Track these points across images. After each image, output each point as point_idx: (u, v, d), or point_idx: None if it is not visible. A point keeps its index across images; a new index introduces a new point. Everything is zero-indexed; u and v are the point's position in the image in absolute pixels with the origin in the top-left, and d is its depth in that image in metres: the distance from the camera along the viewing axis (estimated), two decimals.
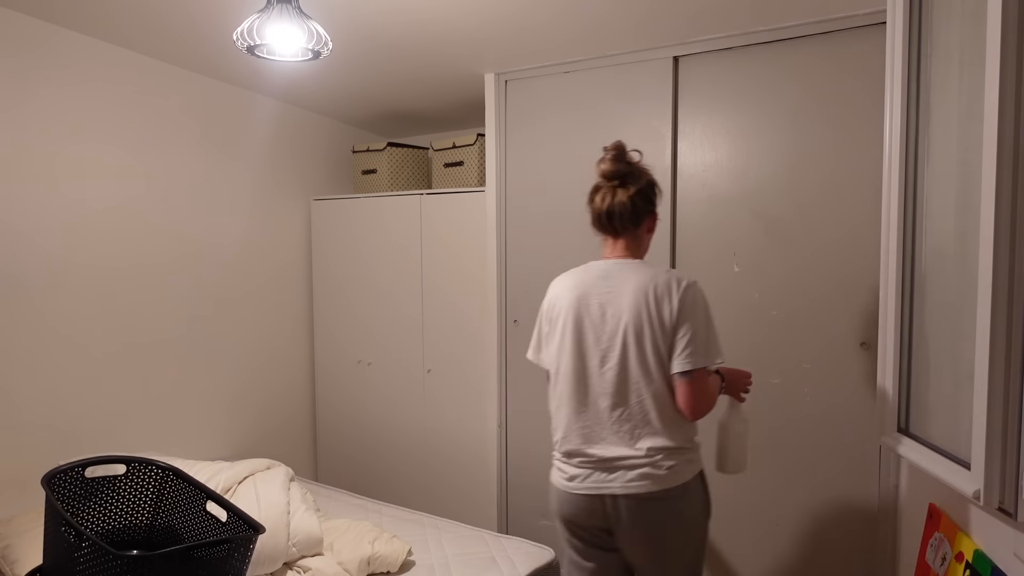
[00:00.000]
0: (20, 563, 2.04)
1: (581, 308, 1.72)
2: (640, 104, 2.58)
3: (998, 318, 1.18)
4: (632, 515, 1.67)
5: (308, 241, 3.57)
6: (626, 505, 1.67)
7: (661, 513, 1.67)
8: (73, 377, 2.58)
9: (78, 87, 2.54)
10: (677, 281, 1.67)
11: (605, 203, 1.71)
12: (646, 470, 1.65)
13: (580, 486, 1.71)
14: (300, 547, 2.09)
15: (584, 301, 1.72)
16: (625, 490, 1.66)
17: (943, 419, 1.50)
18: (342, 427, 3.53)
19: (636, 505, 1.66)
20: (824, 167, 2.30)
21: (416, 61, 2.74)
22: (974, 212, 1.32)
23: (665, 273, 1.70)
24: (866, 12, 2.16)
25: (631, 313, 1.66)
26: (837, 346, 2.30)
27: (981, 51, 1.21)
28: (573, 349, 1.72)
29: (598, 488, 1.69)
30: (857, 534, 2.30)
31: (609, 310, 1.69)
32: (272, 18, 1.84)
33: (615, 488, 1.67)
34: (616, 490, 1.67)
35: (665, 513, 1.67)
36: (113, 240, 2.69)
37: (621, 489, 1.66)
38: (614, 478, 1.67)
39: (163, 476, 1.80)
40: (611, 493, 1.67)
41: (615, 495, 1.67)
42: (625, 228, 1.73)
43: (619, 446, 1.68)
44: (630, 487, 1.65)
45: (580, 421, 1.72)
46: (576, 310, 1.72)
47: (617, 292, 1.69)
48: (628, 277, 1.69)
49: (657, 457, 1.66)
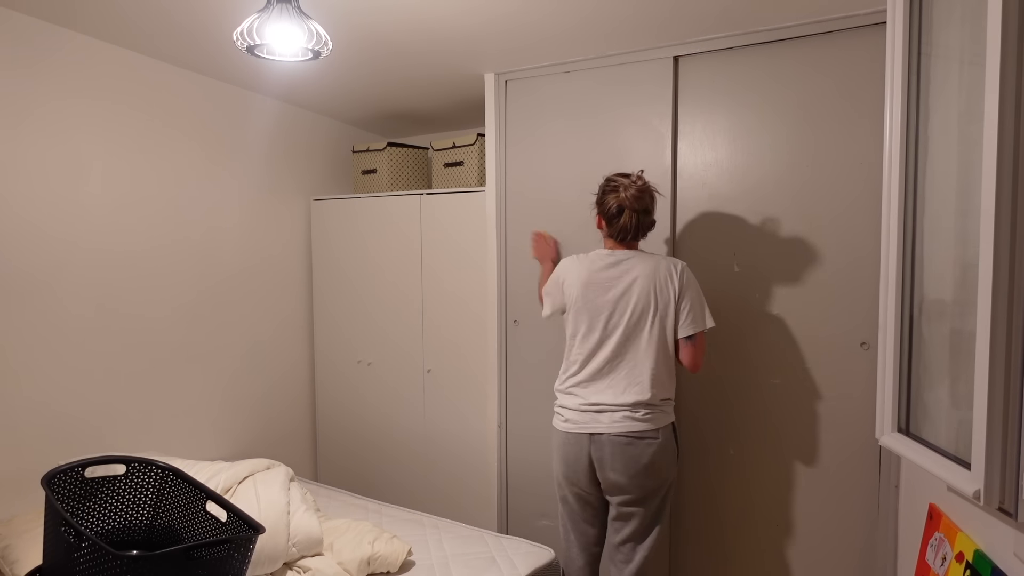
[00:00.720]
0: (20, 563, 2.03)
1: (590, 290, 2.17)
2: (640, 104, 2.58)
3: (998, 318, 1.18)
4: (613, 450, 2.10)
5: (308, 241, 3.57)
6: (609, 441, 2.10)
7: (638, 451, 2.09)
8: (73, 377, 2.58)
9: (78, 87, 2.54)
10: (675, 265, 2.16)
11: (632, 222, 2.15)
12: (627, 413, 2.11)
13: (574, 427, 2.17)
14: (300, 547, 2.09)
15: (594, 284, 2.17)
16: (610, 429, 2.11)
17: (943, 419, 1.50)
18: (342, 427, 3.53)
19: (617, 442, 2.10)
20: (824, 166, 2.30)
21: (416, 61, 2.74)
22: (974, 212, 1.32)
23: (665, 260, 2.17)
24: (866, 12, 2.16)
25: (640, 293, 2.12)
26: (837, 346, 2.30)
27: (981, 51, 1.21)
28: (577, 326, 2.20)
29: (591, 427, 2.14)
30: (857, 534, 2.30)
31: (620, 292, 2.14)
32: (272, 18, 1.84)
33: (601, 428, 2.12)
34: (603, 429, 2.12)
35: (641, 451, 2.09)
36: (112, 240, 2.69)
37: (605, 429, 2.11)
38: (603, 420, 2.12)
39: (163, 476, 1.80)
40: (599, 431, 2.12)
41: (601, 433, 2.12)
42: (639, 238, 2.23)
43: (610, 396, 2.13)
44: (614, 427, 2.11)
45: (582, 376, 2.18)
46: (588, 294, 2.17)
47: (626, 276, 2.15)
48: (635, 265, 2.16)
49: (640, 410, 2.11)
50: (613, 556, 2.25)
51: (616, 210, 2.14)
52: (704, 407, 2.55)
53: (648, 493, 2.14)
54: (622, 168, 2.64)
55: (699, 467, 2.58)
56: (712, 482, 2.56)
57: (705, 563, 2.59)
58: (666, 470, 2.15)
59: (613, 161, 2.65)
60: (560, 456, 2.22)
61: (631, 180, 2.16)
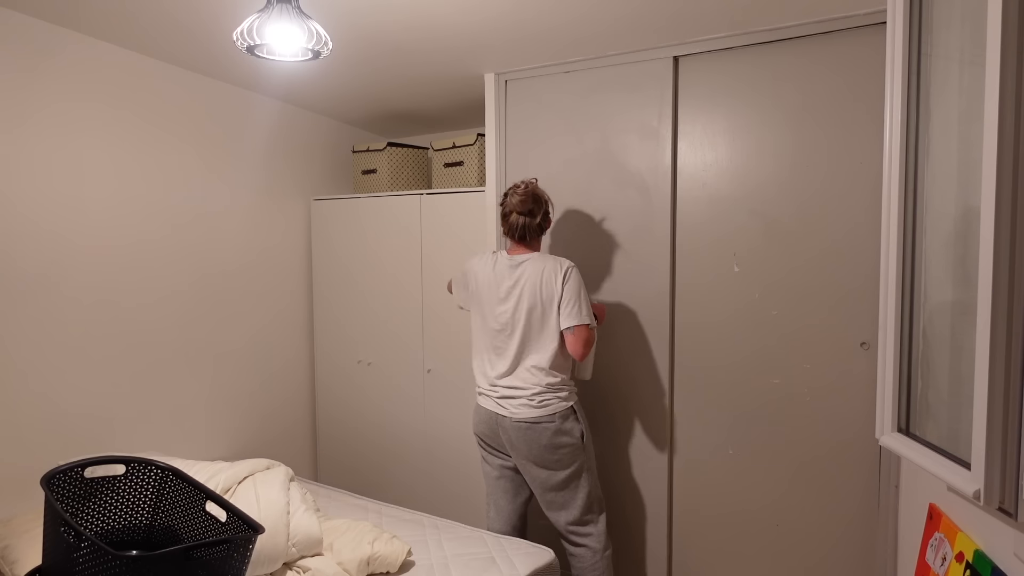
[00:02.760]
0: (20, 563, 2.03)
1: (493, 291, 2.42)
2: (640, 104, 2.58)
3: (998, 318, 1.17)
4: (516, 433, 2.35)
5: (308, 241, 3.57)
6: (512, 426, 2.35)
7: (536, 434, 2.32)
8: (72, 377, 2.58)
9: (79, 87, 2.54)
10: (561, 265, 2.34)
11: (518, 223, 2.40)
12: (524, 402, 2.34)
13: (486, 407, 2.45)
14: (300, 547, 2.09)
15: (495, 284, 2.41)
16: (511, 415, 2.35)
17: (943, 419, 1.50)
18: (342, 427, 3.53)
19: (519, 427, 2.34)
20: (824, 167, 2.30)
21: (416, 61, 2.74)
22: (974, 212, 1.32)
23: (554, 260, 2.36)
24: (866, 12, 2.16)
25: (529, 290, 2.34)
26: (837, 346, 2.30)
27: (981, 51, 1.21)
28: (483, 320, 2.45)
29: (497, 410, 2.40)
30: (857, 534, 2.30)
31: (515, 291, 2.37)
32: (272, 18, 1.84)
33: (505, 413, 2.37)
34: (506, 414, 2.37)
35: (539, 434, 2.32)
36: (112, 240, 2.69)
37: (508, 414, 2.36)
38: (506, 405, 2.37)
39: (162, 476, 1.80)
40: (504, 415, 2.38)
41: (505, 417, 2.37)
42: (532, 238, 2.45)
43: (511, 385, 2.37)
44: (515, 414, 2.35)
45: (488, 366, 2.44)
46: (489, 291, 2.43)
47: (521, 277, 2.37)
48: (528, 266, 2.37)
49: (536, 397, 2.33)
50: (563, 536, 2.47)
51: (506, 212, 2.43)
52: (703, 407, 2.55)
53: (551, 466, 2.35)
54: (621, 168, 2.64)
55: (699, 467, 2.58)
56: (712, 482, 2.56)
57: (705, 563, 2.59)
58: (566, 450, 2.34)
59: (613, 161, 2.65)
60: (476, 431, 2.53)
61: (519, 186, 2.43)
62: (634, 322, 2.65)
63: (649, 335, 2.62)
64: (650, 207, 2.59)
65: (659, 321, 2.59)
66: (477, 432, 2.52)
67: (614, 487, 2.75)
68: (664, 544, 2.65)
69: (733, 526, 2.52)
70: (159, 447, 2.89)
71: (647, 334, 2.63)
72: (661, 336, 2.59)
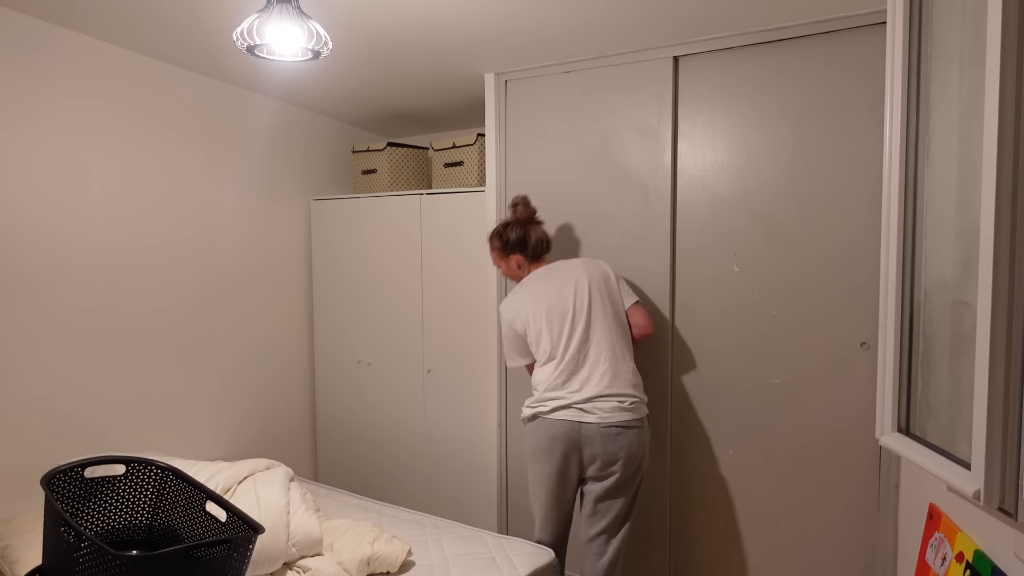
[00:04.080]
0: (20, 563, 2.03)
1: (551, 303, 2.32)
2: (640, 104, 2.58)
3: (998, 318, 1.17)
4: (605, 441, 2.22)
5: (308, 241, 3.57)
6: (600, 432, 2.22)
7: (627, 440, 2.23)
8: (72, 377, 2.58)
9: (78, 87, 2.54)
10: (592, 260, 2.40)
11: (532, 236, 2.41)
12: (615, 404, 2.23)
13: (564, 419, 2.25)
14: (300, 547, 2.09)
15: (547, 295, 2.33)
16: (601, 420, 2.23)
17: (943, 419, 1.50)
18: (342, 427, 3.53)
19: (608, 432, 2.22)
20: (824, 167, 2.30)
21: (416, 61, 2.74)
22: (974, 212, 1.32)
23: (581, 259, 2.40)
24: (866, 12, 2.16)
25: (586, 283, 2.32)
26: (837, 346, 2.30)
27: (981, 51, 1.21)
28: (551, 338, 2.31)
29: (580, 418, 2.23)
30: (857, 534, 2.30)
31: (572, 288, 2.32)
32: (272, 18, 1.84)
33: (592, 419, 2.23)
34: (593, 420, 2.23)
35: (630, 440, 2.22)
36: (113, 239, 2.69)
37: (597, 420, 2.23)
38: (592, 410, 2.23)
39: (163, 476, 1.80)
40: (589, 421, 2.23)
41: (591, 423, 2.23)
42: (544, 253, 2.47)
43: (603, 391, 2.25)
44: (605, 418, 2.22)
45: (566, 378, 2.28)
46: (545, 301, 2.32)
47: (566, 277, 2.35)
48: (562, 267, 2.39)
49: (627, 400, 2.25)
50: (586, 549, 2.34)
51: (515, 238, 2.41)
52: (703, 407, 2.55)
53: (628, 477, 2.25)
54: (622, 168, 2.64)
55: (698, 467, 2.58)
56: (711, 482, 2.56)
57: (705, 563, 2.59)
58: (643, 458, 2.28)
59: (613, 161, 2.65)
60: (546, 442, 2.28)
61: (516, 202, 2.46)
62: None
63: None
64: (650, 207, 2.59)
65: (659, 321, 2.59)
66: (562, 450, 2.25)
67: None
68: (664, 544, 2.65)
69: (733, 526, 2.52)
70: (159, 447, 2.89)
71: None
72: (661, 336, 2.59)
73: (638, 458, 2.25)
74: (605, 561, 2.29)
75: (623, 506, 2.28)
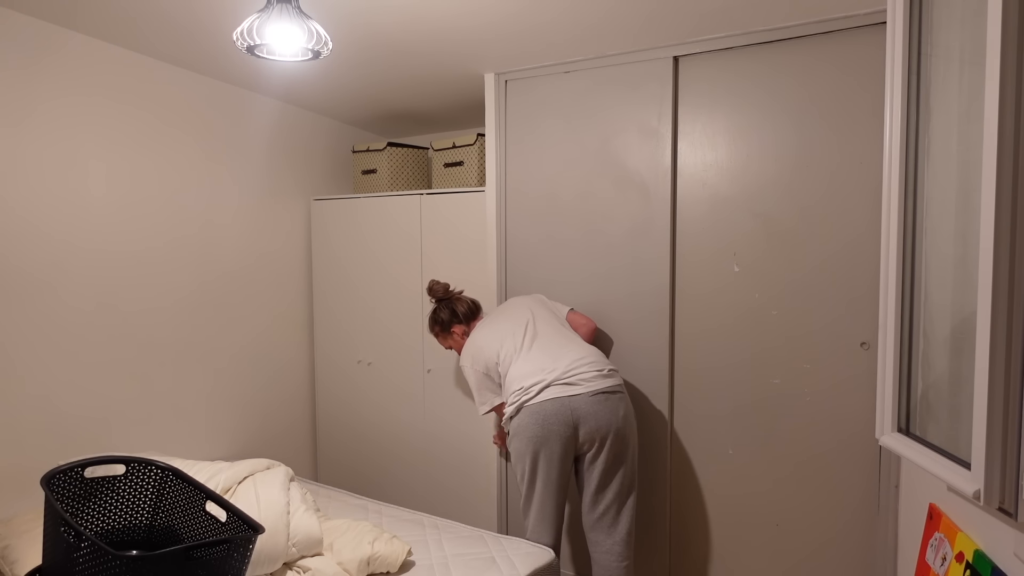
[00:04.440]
0: (20, 563, 2.03)
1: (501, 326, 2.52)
2: (640, 104, 2.58)
3: (998, 318, 1.17)
4: (596, 407, 2.28)
5: (308, 241, 3.57)
6: (589, 400, 2.28)
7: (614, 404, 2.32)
8: (72, 377, 2.58)
9: (78, 87, 2.54)
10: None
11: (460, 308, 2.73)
12: (595, 372, 2.32)
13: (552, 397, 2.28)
14: (300, 547, 2.09)
15: (499, 324, 2.54)
16: (587, 389, 2.30)
17: (943, 419, 1.50)
18: (342, 427, 3.53)
19: (596, 399, 2.29)
20: (824, 167, 2.30)
21: (416, 61, 2.74)
22: (974, 212, 1.32)
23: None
24: (866, 12, 2.16)
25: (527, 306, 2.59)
26: (837, 346, 2.30)
27: (981, 51, 1.21)
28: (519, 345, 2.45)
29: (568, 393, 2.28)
30: (857, 534, 2.30)
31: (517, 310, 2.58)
32: (272, 18, 1.84)
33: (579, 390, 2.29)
34: (580, 391, 2.29)
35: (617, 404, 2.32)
36: (113, 240, 2.69)
37: (584, 389, 2.29)
38: (577, 381, 2.29)
39: (162, 476, 1.80)
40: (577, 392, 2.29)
41: (579, 395, 2.28)
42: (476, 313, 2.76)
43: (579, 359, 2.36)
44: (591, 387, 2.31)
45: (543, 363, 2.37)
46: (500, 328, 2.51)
47: (509, 307, 2.61)
48: (505, 305, 2.67)
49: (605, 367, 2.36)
50: (595, 530, 2.35)
51: (452, 305, 2.72)
52: (703, 407, 2.55)
53: (625, 443, 2.31)
54: (621, 168, 2.64)
55: (698, 467, 2.58)
56: (711, 482, 2.56)
57: (705, 563, 2.59)
58: (633, 424, 2.37)
59: (613, 161, 2.65)
60: (537, 427, 2.28)
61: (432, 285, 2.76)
62: (634, 322, 2.65)
63: (649, 335, 2.62)
64: (650, 207, 2.59)
65: (659, 321, 2.59)
66: (556, 431, 2.26)
67: None
68: (664, 544, 2.65)
69: (733, 526, 2.52)
70: (159, 447, 2.89)
71: (647, 334, 2.63)
72: (661, 336, 2.59)
73: (629, 422, 2.33)
74: (621, 531, 2.32)
75: (625, 475, 2.33)
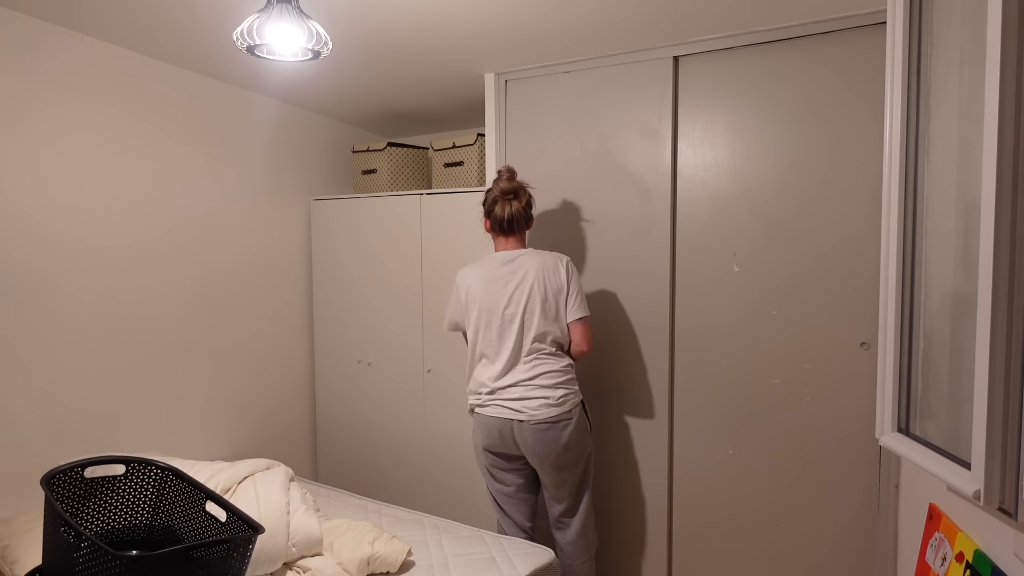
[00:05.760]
0: (20, 563, 2.03)
1: (493, 293, 2.36)
2: (640, 104, 2.58)
3: (998, 318, 1.17)
4: (536, 436, 2.29)
5: (308, 241, 3.57)
6: (530, 429, 2.29)
7: (555, 433, 2.30)
8: (72, 377, 2.58)
9: (79, 87, 2.54)
10: (561, 259, 2.38)
11: (506, 212, 2.38)
12: (542, 401, 2.29)
13: (494, 415, 2.35)
14: (300, 547, 2.09)
15: (494, 284, 2.37)
16: (530, 418, 2.29)
17: (943, 419, 1.50)
18: (342, 427, 3.53)
19: (537, 428, 2.29)
20: (824, 167, 2.30)
21: (416, 61, 2.74)
22: (974, 212, 1.32)
23: (552, 255, 2.39)
24: (866, 12, 2.16)
25: (539, 286, 2.33)
26: (837, 346, 2.30)
27: (981, 51, 1.21)
28: (486, 326, 2.37)
29: (511, 416, 2.32)
30: (857, 534, 2.30)
31: (521, 288, 2.34)
32: (272, 18, 1.84)
33: (523, 417, 2.30)
34: (523, 418, 2.30)
35: (558, 433, 2.30)
36: (113, 240, 2.69)
37: (526, 417, 2.29)
38: (522, 408, 2.30)
39: (162, 476, 1.80)
40: (520, 419, 2.30)
41: (523, 421, 2.30)
42: (521, 228, 2.43)
43: (528, 383, 2.32)
44: (534, 416, 2.28)
45: (494, 372, 2.35)
46: (489, 295, 2.36)
47: (519, 271, 2.35)
48: (526, 260, 2.37)
49: (553, 395, 2.30)
50: (554, 525, 2.50)
51: (491, 205, 2.42)
52: (703, 407, 2.55)
53: (568, 466, 2.36)
54: (622, 168, 2.64)
55: (698, 467, 2.58)
56: (711, 482, 2.56)
57: (705, 563, 2.59)
58: (580, 445, 2.37)
59: (613, 161, 2.65)
60: (483, 437, 2.41)
61: (500, 172, 2.45)
62: (634, 322, 2.65)
63: (649, 335, 2.62)
64: (650, 207, 2.59)
65: (659, 321, 2.59)
66: (486, 446, 2.41)
67: (614, 487, 2.75)
68: (664, 544, 2.65)
69: (733, 526, 2.52)
70: (159, 447, 2.89)
71: (647, 334, 2.63)
72: (661, 336, 2.59)
73: (574, 441, 2.33)
74: (574, 532, 2.44)
75: (575, 481, 2.40)
